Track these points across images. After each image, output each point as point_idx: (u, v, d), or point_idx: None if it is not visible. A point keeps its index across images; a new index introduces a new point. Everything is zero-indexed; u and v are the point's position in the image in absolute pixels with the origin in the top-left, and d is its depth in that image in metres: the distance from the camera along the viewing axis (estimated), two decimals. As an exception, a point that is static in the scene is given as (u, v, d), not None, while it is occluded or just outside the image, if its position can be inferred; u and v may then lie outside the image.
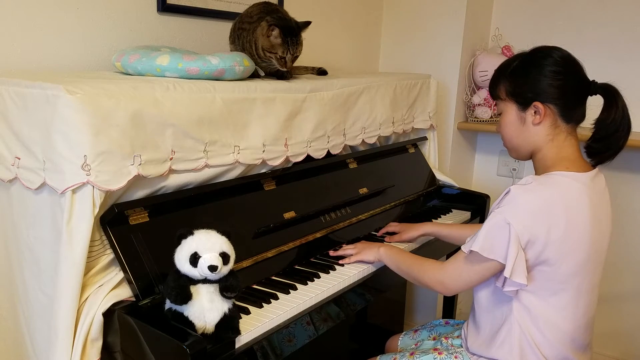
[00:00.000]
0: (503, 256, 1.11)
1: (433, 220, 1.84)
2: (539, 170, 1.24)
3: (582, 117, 1.23)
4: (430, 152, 2.14)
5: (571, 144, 1.21)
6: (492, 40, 2.48)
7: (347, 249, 1.47)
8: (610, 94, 1.19)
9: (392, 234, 1.64)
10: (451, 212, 1.97)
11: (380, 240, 1.62)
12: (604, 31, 2.21)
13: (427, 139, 2.12)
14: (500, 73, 1.27)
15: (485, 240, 1.13)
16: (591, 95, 1.22)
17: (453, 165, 2.45)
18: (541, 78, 1.19)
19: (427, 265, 1.30)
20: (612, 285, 2.30)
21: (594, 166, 1.22)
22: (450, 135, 2.41)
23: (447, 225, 1.65)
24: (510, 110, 1.24)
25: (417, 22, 2.42)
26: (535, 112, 1.20)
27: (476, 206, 1.99)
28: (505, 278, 1.13)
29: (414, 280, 1.33)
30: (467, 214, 1.96)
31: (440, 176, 2.09)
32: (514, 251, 1.09)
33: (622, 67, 2.18)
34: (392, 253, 1.40)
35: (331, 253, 1.48)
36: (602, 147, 1.20)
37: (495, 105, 1.32)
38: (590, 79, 1.21)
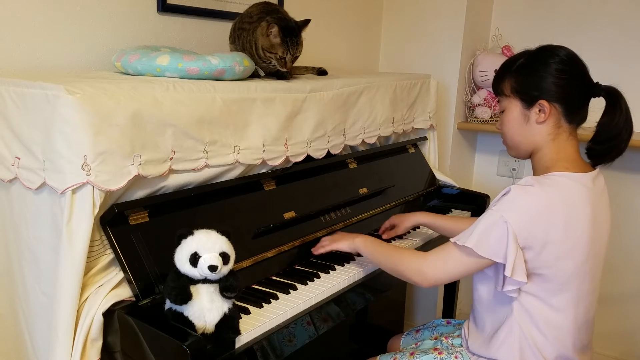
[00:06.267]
0: (501, 255, 1.10)
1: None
2: (537, 171, 1.24)
3: (584, 118, 1.22)
4: (430, 152, 2.14)
5: (572, 144, 1.21)
6: (492, 40, 2.48)
7: (324, 240, 1.44)
8: (613, 97, 1.18)
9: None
10: (451, 212, 1.97)
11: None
12: (604, 31, 2.21)
13: (427, 139, 2.12)
14: (506, 69, 1.26)
15: (481, 237, 1.11)
16: (594, 97, 1.21)
17: (453, 165, 2.45)
18: (547, 76, 1.18)
19: (407, 254, 1.27)
20: (612, 285, 2.30)
21: (593, 166, 1.22)
22: (450, 135, 2.41)
23: (441, 216, 1.62)
24: (514, 107, 1.23)
25: (417, 22, 2.42)
26: (540, 111, 1.19)
27: (476, 206, 1.99)
28: (505, 278, 1.13)
29: (391, 270, 1.30)
30: (467, 214, 1.96)
31: (440, 176, 2.09)
32: (512, 250, 1.08)
33: (622, 68, 2.18)
34: (370, 243, 1.37)
35: (313, 250, 1.44)
36: (604, 150, 1.20)
37: (498, 102, 1.31)
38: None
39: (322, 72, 1.75)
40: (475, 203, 2.00)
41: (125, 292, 1.08)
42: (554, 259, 1.12)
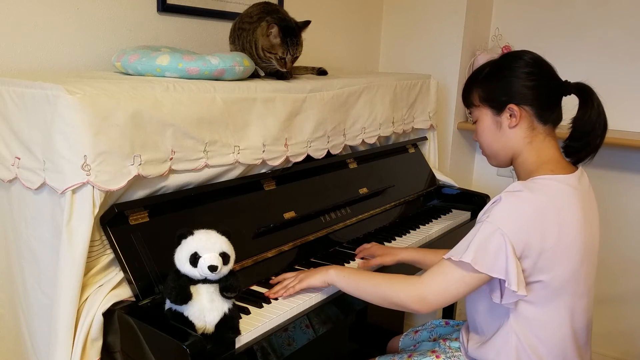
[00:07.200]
0: (500, 270, 1.06)
1: (433, 220, 1.85)
2: (522, 176, 1.22)
3: (559, 118, 1.22)
4: (430, 152, 2.14)
5: (551, 145, 1.20)
6: (492, 40, 2.48)
7: (286, 276, 1.28)
8: (584, 93, 1.18)
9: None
10: (451, 212, 1.97)
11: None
12: (604, 31, 2.20)
13: (427, 139, 2.12)
14: (473, 80, 1.27)
15: (478, 251, 1.07)
16: (565, 95, 1.21)
17: (453, 165, 2.45)
18: (514, 80, 1.18)
19: (399, 281, 1.16)
20: (611, 285, 2.30)
21: (574, 165, 1.21)
22: (450, 135, 2.41)
23: (424, 251, 1.49)
24: (485, 116, 1.23)
25: (417, 22, 2.42)
26: (510, 115, 1.19)
27: (476, 206, 1.98)
28: (503, 292, 1.10)
29: (381, 299, 1.18)
30: (467, 214, 1.96)
31: (440, 176, 2.09)
32: (513, 263, 1.05)
33: (622, 68, 2.18)
34: (347, 273, 1.24)
35: (271, 295, 1.23)
36: (580, 146, 1.19)
37: (469, 113, 1.30)
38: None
39: (322, 72, 1.75)
40: (475, 203, 2.00)
41: (125, 292, 1.08)
42: (550, 265, 1.10)
